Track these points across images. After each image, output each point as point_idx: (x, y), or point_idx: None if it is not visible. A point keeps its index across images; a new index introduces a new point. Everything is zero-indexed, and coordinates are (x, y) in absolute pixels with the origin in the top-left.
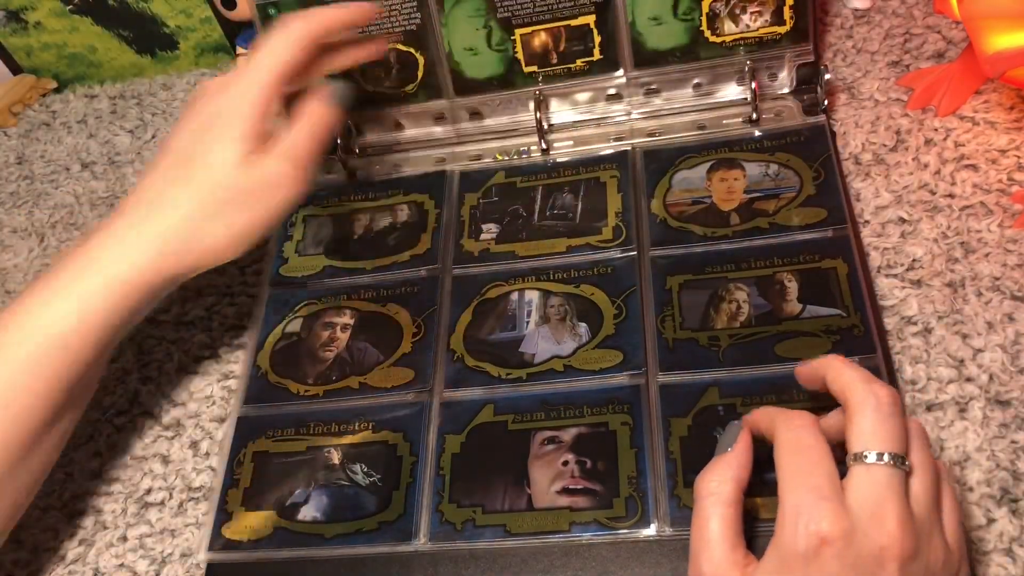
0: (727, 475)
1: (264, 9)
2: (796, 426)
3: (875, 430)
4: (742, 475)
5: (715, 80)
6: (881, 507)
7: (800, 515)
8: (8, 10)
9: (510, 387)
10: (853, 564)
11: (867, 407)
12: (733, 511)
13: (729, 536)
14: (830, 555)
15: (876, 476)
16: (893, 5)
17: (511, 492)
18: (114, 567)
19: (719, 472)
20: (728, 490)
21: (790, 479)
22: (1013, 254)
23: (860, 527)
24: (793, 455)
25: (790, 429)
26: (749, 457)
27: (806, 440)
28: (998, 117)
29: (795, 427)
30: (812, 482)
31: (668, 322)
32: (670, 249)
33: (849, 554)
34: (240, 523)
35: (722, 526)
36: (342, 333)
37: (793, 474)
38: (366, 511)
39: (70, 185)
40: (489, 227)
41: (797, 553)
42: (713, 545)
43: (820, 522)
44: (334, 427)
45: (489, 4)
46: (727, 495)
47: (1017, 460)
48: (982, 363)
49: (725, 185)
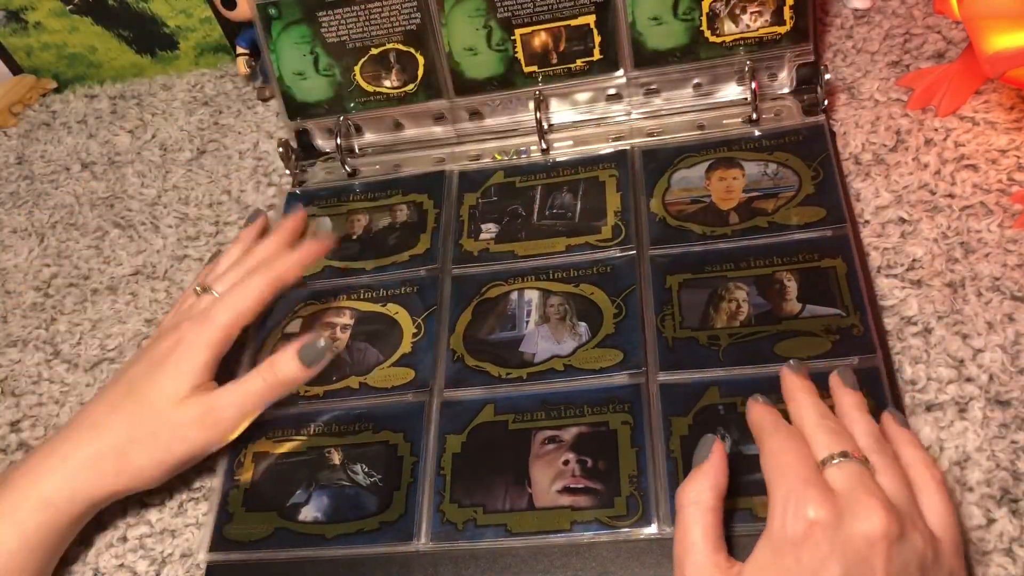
0: (705, 484)
1: (264, 9)
2: (781, 433)
3: (830, 439)
4: (720, 482)
5: (715, 80)
6: (861, 493)
7: (789, 502)
8: (8, 10)
9: (510, 387)
10: (843, 545)
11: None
12: (713, 518)
13: (711, 540)
14: (821, 538)
15: (848, 469)
16: (893, 5)
17: (512, 492)
18: (114, 567)
19: (698, 482)
20: (708, 498)
21: (777, 475)
22: (1013, 254)
23: (847, 510)
24: (777, 455)
25: (775, 436)
26: (725, 466)
27: (789, 443)
28: (998, 117)
29: (780, 434)
30: (797, 473)
31: (668, 321)
32: (669, 248)
33: (839, 536)
34: (241, 523)
35: (704, 532)
36: (342, 333)
37: (778, 471)
38: (367, 511)
39: (70, 185)
40: (488, 227)
41: (788, 539)
42: (696, 550)
43: (808, 506)
44: (335, 427)
45: (489, 4)
46: (707, 503)
47: (1017, 460)
48: (982, 363)
49: (724, 184)
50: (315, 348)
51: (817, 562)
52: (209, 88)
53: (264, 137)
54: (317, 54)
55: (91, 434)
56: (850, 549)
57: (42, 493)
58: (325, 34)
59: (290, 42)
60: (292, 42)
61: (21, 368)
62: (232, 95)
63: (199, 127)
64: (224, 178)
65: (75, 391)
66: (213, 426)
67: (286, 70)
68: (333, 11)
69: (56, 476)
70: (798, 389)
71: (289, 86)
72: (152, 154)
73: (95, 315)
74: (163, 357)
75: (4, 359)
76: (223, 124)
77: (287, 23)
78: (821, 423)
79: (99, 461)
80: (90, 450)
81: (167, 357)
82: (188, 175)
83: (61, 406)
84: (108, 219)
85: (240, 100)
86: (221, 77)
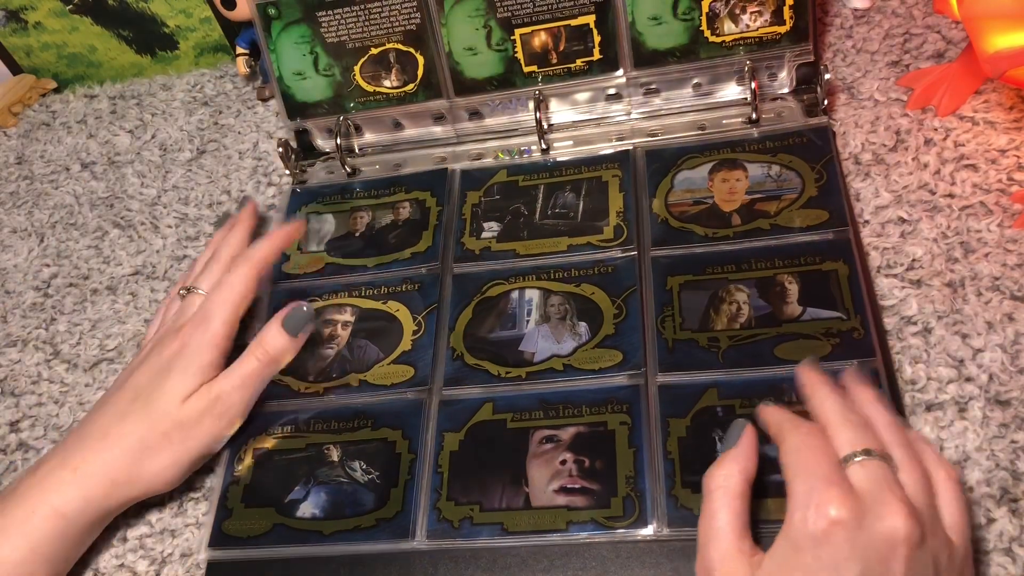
0: (734, 468)
1: (264, 9)
2: (803, 430)
3: (854, 435)
4: (748, 468)
5: (715, 80)
6: (885, 493)
7: (811, 499)
8: (8, 10)
9: (509, 386)
10: (864, 547)
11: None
12: (740, 504)
13: (737, 527)
14: (841, 538)
15: (871, 468)
16: (893, 5)
17: (509, 490)
18: (114, 567)
19: (727, 466)
20: (735, 483)
21: (798, 471)
22: (1013, 254)
23: (869, 510)
24: (798, 452)
25: (797, 432)
26: (755, 452)
27: (811, 440)
28: (998, 117)
29: (802, 431)
30: (820, 471)
31: (668, 322)
32: (671, 249)
33: (860, 537)
34: (240, 520)
35: (730, 517)
36: (343, 330)
37: (800, 467)
38: (364, 508)
39: (70, 185)
40: (490, 225)
41: (808, 536)
42: (722, 535)
43: (830, 505)
44: (333, 424)
45: (489, 4)
46: (734, 488)
47: (1017, 460)
48: (982, 363)
49: (727, 186)
50: (297, 316)
51: (836, 562)
52: (209, 88)
53: (264, 137)
54: (317, 54)
55: (101, 444)
56: (871, 550)
57: (53, 504)
58: (325, 34)
59: (290, 42)
60: (292, 42)
61: (21, 368)
62: (232, 95)
63: (199, 127)
64: (224, 178)
65: (75, 391)
66: (223, 414)
67: (286, 70)
68: (333, 11)
69: (68, 488)
70: (819, 383)
71: (289, 86)
72: (152, 154)
73: (95, 315)
74: (168, 362)
75: (4, 359)
76: (223, 124)
77: (287, 23)
78: (845, 417)
79: (112, 471)
80: (101, 460)
81: (173, 362)
82: (188, 175)
83: (61, 406)
84: (108, 219)
85: (240, 100)
86: (221, 77)
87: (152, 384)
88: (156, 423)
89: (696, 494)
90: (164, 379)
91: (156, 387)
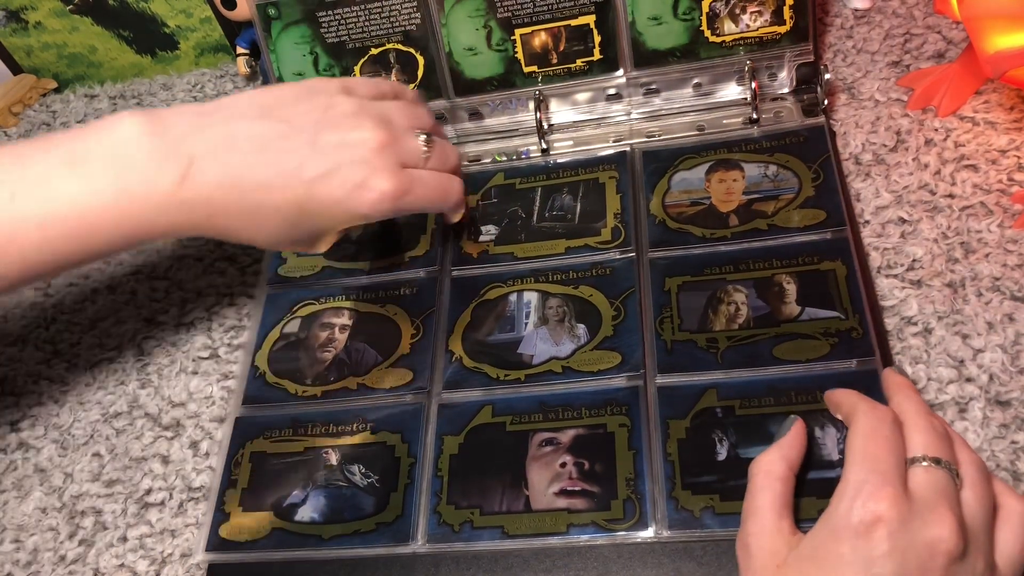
0: (778, 455)
1: (264, 9)
2: (878, 416)
3: (934, 441)
4: (792, 456)
5: (715, 80)
6: (940, 503)
7: (861, 491)
8: (8, 10)
9: (508, 388)
10: (905, 549)
11: (928, 422)
12: (783, 487)
13: (777, 507)
14: (882, 535)
15: (934, 476)
16: (893, 5)
17: (509, 494)
18: (114, 567)
19: (772, 453)
20: (779, 468)
21: (860, 459)
22: (1013, 254)
23: (918, 516)
24: (867, 439)
25: (870, 416)
26: (802, 442)
27: (883, 430)
28: (998, 117)
29: (876, 416)
30: (880, 466)
31: (667, 324)
32: (669, 250)
33: (902, 538)
34: (237, 523)
35: (771, 496)
36: (340, 334)
37: (863, 455)
38: (364, 512)
39: None
40: (488, 228)
41: (849, 525)
42: (760, 512)
43: (880, 502)
44: (332, 428)
45: (489, 4)
46: (778, 472)
47: (1017, 460)
48: (982, 363)
49: (724, 186)
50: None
51: (873, 557)
52: (209, 88)
53: None
54: (317, 54)
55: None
56: (911, 553)
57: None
58: (325, 34)
59: (290, 42)
60: (292, 42)
61: (21, 368)
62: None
63: None
64: None
65: (75, 391)
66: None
67: (286, 70)
68: (333, 11)
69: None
70: (906, 386)
71: None
72: None
73: (95, 315)
74: (346, 194)
75: (4, 359)
76: None
77: (287, 23)
78: (928, 422)
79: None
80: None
81: (349, 198)
82: None
83: (61, 406)
84: None
85: None
86: (221, 77)
87: (317, 204)
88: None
89: (696, 496)
90: (331, 210)
91: (320, 212)
